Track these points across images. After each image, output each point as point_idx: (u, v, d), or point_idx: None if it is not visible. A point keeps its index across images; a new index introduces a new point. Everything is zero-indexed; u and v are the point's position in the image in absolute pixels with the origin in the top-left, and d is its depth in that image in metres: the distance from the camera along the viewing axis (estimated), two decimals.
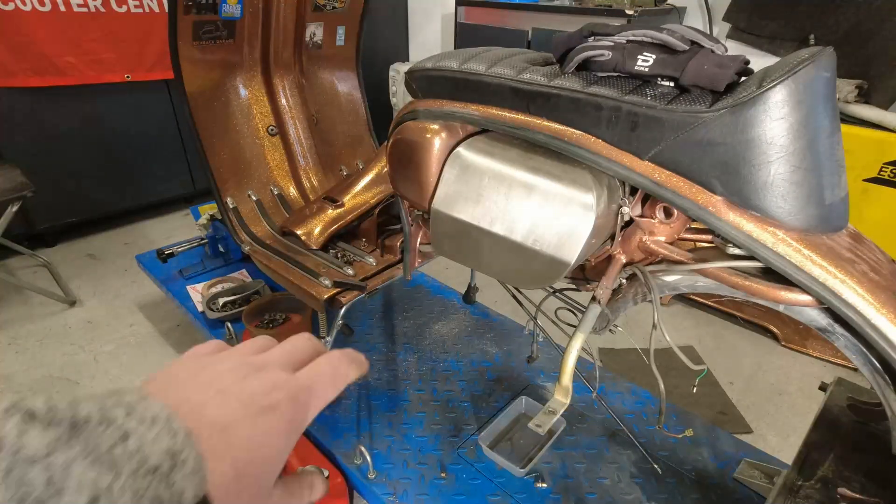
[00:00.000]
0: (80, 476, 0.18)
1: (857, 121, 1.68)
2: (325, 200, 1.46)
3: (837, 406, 0.81)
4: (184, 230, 2.59)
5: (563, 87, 0.65)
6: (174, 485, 0.21)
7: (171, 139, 2.62)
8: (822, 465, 0.70)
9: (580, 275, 0.85)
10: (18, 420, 0.19)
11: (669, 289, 0.71)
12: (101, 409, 0.21)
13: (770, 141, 0.54)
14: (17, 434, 0.18)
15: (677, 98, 0.58)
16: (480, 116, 0.74)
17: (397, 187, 0.86)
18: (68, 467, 0.18)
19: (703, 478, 1.04)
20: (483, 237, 0.73)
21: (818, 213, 0.57)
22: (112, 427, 0.21)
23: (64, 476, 0.18)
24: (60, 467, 0.18)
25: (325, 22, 1.64)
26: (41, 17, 2.01)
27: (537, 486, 1.02)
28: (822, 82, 0.54)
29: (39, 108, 2.16)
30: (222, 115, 1.50)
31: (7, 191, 1.74)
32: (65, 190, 2.32)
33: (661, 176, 0.61)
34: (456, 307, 1.61)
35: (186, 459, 0.22)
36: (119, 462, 0.20)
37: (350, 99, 1.81)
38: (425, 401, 1.24)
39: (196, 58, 1.38)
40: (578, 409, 1.21)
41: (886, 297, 0.55)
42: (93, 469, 0.19)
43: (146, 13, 2.29)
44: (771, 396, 1.67)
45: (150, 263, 1.76)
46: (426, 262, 1.11)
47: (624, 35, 0.63)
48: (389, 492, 1.01)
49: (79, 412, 0.20)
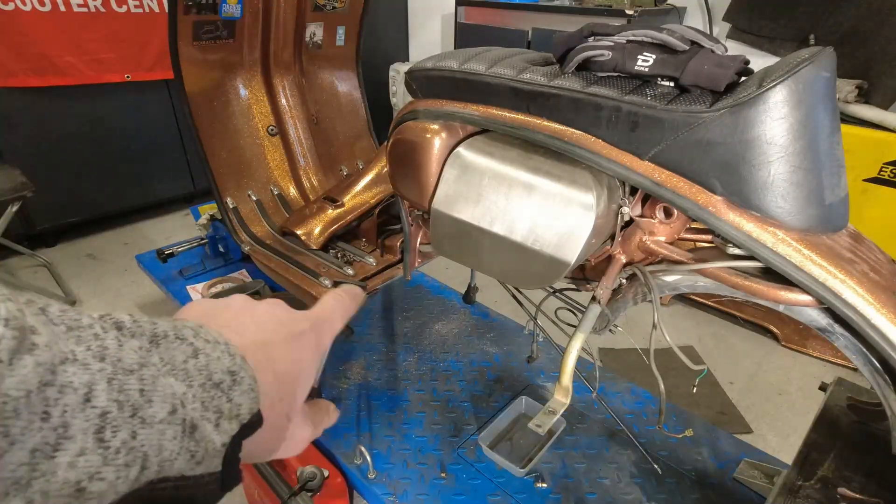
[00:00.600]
0: (164, 388, 0.20)
1: (857, 121, 1.68)
2: (325, 200, 1.46)
3: (837, 406, 0.81)
4: (184, 230, 2.59)
5: (563, 87, 0.65)
6: (233, 399, 0.23)
7: (171, 139, 2.62)
8: (822, 465, 0.70)
9: (580, 275, 0.85)
10: (116, 332, 0.20)
11: (669, 289, 0.71)
12: (174, 327, 0.23)
13: (770, 141, 0.54)
14: (118, 346, 0.20)
15: (677, 98, 0.58)
16: (480, 116, 0.73)
17: (397, 187, 0.86)
18: (155, 380, 0.20)
19: (703, 478, 1.04)
20: (483, 237, 0.73)
21: (818, 213, 0.57)
22: (185, 343, 0.23)
23: (153, 387, 0.20)
24: (150, 379, 0.20)
25: (325, 22, 1.64)
26: (41, 17, 2.01)
27: (537, 486, 1.02)
28: (822, 82, 0.54)
29: (39, 108, 2.16)
30: (222, 115, 1.50)
31: (7, 191, 1.74)
32: (65, 190, 2.32)
33: (661, 176, 0.61)
34: (456, 307, 1.61)
35: (243, 379, 0.24)
36: (191, 374, 0.22)
37: (350, 99, 1.81)
38: (425, 401, 1.24)
39: (196, 58, 1.38)
40: (578, 409, 1.21)
41: (886, 297, 0.55)
42: (171, 379, 0.21)
43: (146, 13, 2.29)
44: (771, 396, 1.67)
45: (150, 263, 1.76)
46: (426, 262, 1.11)
47: (624, 35, 0.63)
48: (389, 492, 1.01)
49: (157, 328, 0.23)
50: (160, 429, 0.20)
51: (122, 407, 0.19)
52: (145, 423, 0.19)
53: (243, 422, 0.24)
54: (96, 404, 0.18)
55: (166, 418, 0.20)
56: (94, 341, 0.19)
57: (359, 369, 1.34)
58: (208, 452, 0.22)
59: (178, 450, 0.20)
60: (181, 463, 0.21)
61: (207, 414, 0.22)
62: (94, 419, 0.18)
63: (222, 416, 0.23)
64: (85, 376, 0.18)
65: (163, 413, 0.20)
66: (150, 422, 0.19)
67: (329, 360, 1.21)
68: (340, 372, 1.32)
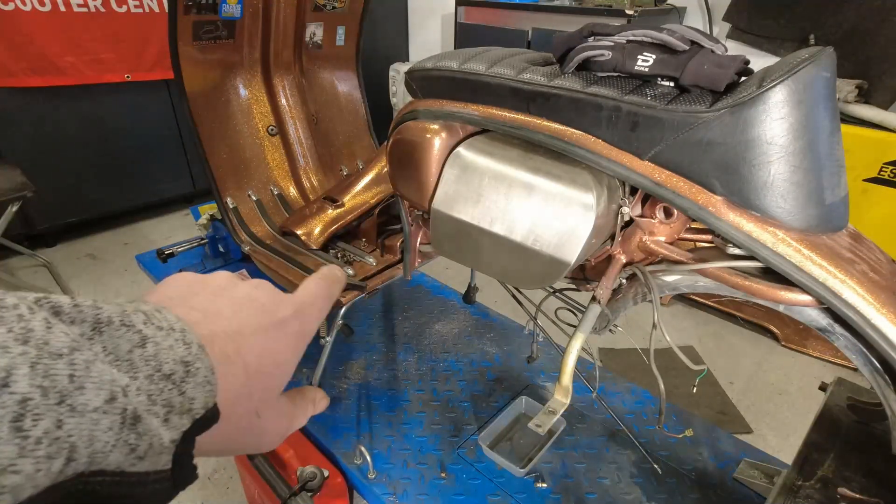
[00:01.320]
0: (100, 375, 0.19)
1: (857, 121, 1.68)
2: (325, 200, 1.46)
3: (837, 406, 0.81)
4: (184, 230, 2.59)
5: (563, 87, 0.65)
6: (185, 392, 0.22)
7: (171, 139, 2.62)
8: (822, 465, 0.70)
9: (580, 275, 0.85)
10: (46, 314, 0.19)
11: (669, 289, 0.71)
12: (122, 313, 0.21)
13: (770, 141, 0.54)
14: (45, 328, 0.18)
15: (677, 98, 0.58)
16: (480, 116, 0.73)
17: (397, 187, 0.86)
18: (90, 366, 0.19)
19: (703, 478, 1.04)
20: (483, 237, 0.73)
21: (818, 213, 0.57)
22: (132, 331, 0.21)
23: (85, 373, 0.18)
24: (83, 365, 0.18)
25: (325, 22, 1.64)
26: (41, 17, 2.02)
27: (537, 486, 1.02)
28: (822, 82, 0.54)
29: (39, 108, 2.16)
30: (222, 115, 1.50)
31: (7, 191, 1.74)
32: (65, 190, 2.32)
33: (661, 176, 0.61)
34: (456, 307, 1.61)
35: (199, 370, 0.22)
36: (137, 365, 0.20)
37: (350, 99, 1.81)
38: (425, 401, 1.24)
39: (196, 58, 1.38)
40: (578, 409, 1.20)
41: (886, 297, 0.55)
42: (112, 369, 0.20)
43: (146, 13, 2.29)
44: (771, 396, 1.67)
45: (150, 263, 1.76)
46: (426, 262, 1.11)
47: (624, 35, 0.63)
48: (389, 492, 1.01)
49: (102, 313, 0.21)
50: (93, 418, 0.18)
51: (47, 393, 0.17)
52: (74, 412, 0.17)
53: (196, 417, 0.22)
54: (15, 390, 0.16)
55: (101, 406, 0.18)
56: (18, 323, 0.17)
57: (359, 369, 1.34)
58: (153, 448, 0.20)
59: (114, 441, 0.19)
60: (118, 456, 0.19)
61: (154, 408, 0.20)
62: (11, 406, 0.16)
63: (172, 410, 0.21)
64: (2, 360, 0.16)
65: (97, 401, 0.18)
66: (81, 410, 0.18)
67: (329, 361, 1.21)
68: (340, 372, 1.32)
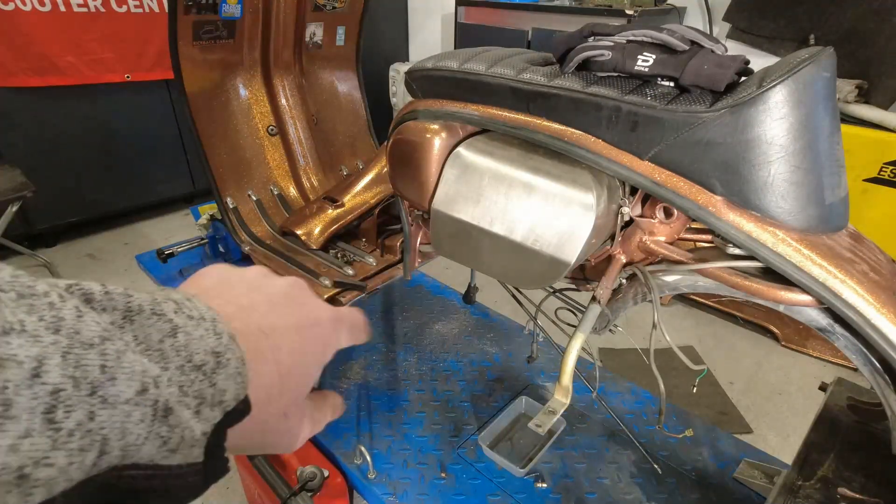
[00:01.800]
0: (132, 365, 0.18)
1: (857, 121, 1.68)
2: (325, 200, 1.46)
3: (837, 406, 0.81)
4: (184, 230, 2.59)
5: (563, 87, 0.65)
6: (216, 384, 0.21)
7: (171, 139, 2.62)
8: (822, 465, 0.70)
9: (580, 275, 0.85)
10: (77, 302, 0.18)
11: (669, 289, 0.71)
12: (153, 301, 0.21)
13: (770, 141, 0.54)
14: (76, 316, 0.18)
15: (677, 98, 0.58)
16: (480, 116, 0.74)
17: (397, 187, 0.86)
18: (121, 356, 0.18)
19: (703, 478, 1.04)
20: (483, 237, 0.73)
21: (818, 213, 0.57)
22: (163, 320, 0.21)
23: (117, 364, 0.18)
24: (114, 355, 0.18)
25: (325, 22, 1.64)
26: (41, 17, 2.01)
27: (537, 486, 1.02)
28: (822, 82, 0.54)
29: (39, 108, 2.16)
30: (222, 115, 1.50)
31: (7, 191, 1.74)
32: (65, 190, 2.32)
33: (661, 176, 0.61)
34: (456, 307, 1.61)
35: (229, 361, 0.22)
36: (168, 355, 0.20)
37: (350, 99, 1.81)
38: (425, 401, 1.24)
39: (196, 58, 1.38)
40: (578, 409, 1.20)
41: (886, 297, 0.55)
42: (143, 359, 0.19)
43: (146, 13, 2.29)
44: (771, 396, 1.67)
45: (150, 263, 1.76)
46: (426, 262, 1.11)
47: (624, 35, 0.63)
48: (389, 492, 1.01)
49: (133, 301, 0.20)
50: (125, 410, 0.18)
51: (79, 384, 0.17)
52: (106, 403, 0.17)
53: (227, 409, 0.22)
54: (47, 381, 0.16)
55: (133, 398, 0.18)
56: (49, 311, 0.17)
57: (359, 369, 1.34)
58: (185, 441, 0.20)
59: (147, 434, 0.18)
60: (150, 449, 0.19)
61: (186, 399, 0.20)
62: (43, 397, 0.16)
63: (204, 402, 0.21)
64: (34, 349, 0.16)
65: (129, 392, 0.18)
66: (113, 402, 0.17)
67: (329, 361, 1.21)
68: (340, 372, 1.32)
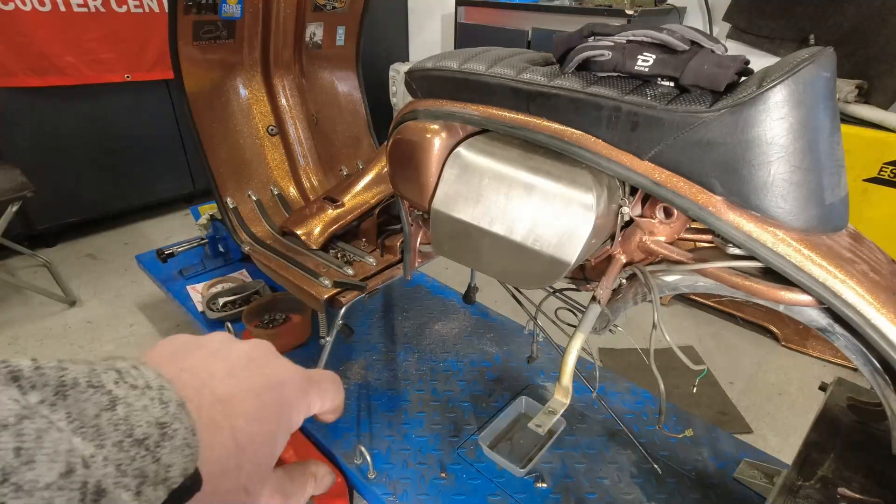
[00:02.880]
0: (55, 445, 0.16)
1: (857, 121, 1.68)
2: (325, 200, 1.46)
3: (837, 406, 0.81)
4: (184, 230, 2.59)
5: (563, 87, 0.65)
6: (160, 459, 0.19)
7: (171, 139, 2.62)
8: (822, 465, 0.70)
9: (580, 275, 0.85)
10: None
11: (669, 289, 0.71)
12: (90, 373, 0.19)
13: (770, 141, 0.54)
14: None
15: (677, 98, 0.58)
16: (480, 116, 0.73)
17: (397, 187, 0.86)
18: (42, 435, 0.16)
19: (703, 478, 1.04)
20: (483, 237, 0.73)
21: (818, 213, 0.57)
22: (100, 392, 0.19)
23: (36, 444, 0.16)
24: (33, 434, 0.16)
25: (325, 22, 1.64)
26: (41, 17, 2.01)
27: (537, 486, 1.02)
28: (822, 82, 0.54)
29: (39, 108, 2.16)
30: (222, 115, 1.50)
31: (7, 191, 1.74)
32: (65, 190, 2.32)
33: (661, 176, 0.61)
34: (456, 307, 1.61)
35: (177, 431, 0.20)
36: (104, 431, 0.18)
37: (350, 99, 1.81)
38: (425, 401, 1.24)
39: (196, 58, 1.38)
40: (578, 409, 1.21)
41: (886, 297, 0.55)
42: (75, 437, 0.17)
43: (146, 13, 2.29)
44: (771, 396, 1.67)
45: (150, 263, 1.76)
46: (426, 262, 1.11)
47: (624, 35, 0.63)
48: (389, 492, 1.01)
49: (66, 375, 0.18)
50: (44, 496, 0.16)
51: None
52: (21, 491, 0.15)
53: (172, 487, 0.19)
54: None
55: (56, 482, 0.16)
56: None
57: (359, 369, 1.34)
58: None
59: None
60: None
61: (125, 479, 0.18)
62: None
63: (145, 480, 0.18)
64: None
65: (51, 476, 0.16)
66: (30, 489, 0.15)
67: (329, 361, 1.21)
68: (340, 372, 1.32)
